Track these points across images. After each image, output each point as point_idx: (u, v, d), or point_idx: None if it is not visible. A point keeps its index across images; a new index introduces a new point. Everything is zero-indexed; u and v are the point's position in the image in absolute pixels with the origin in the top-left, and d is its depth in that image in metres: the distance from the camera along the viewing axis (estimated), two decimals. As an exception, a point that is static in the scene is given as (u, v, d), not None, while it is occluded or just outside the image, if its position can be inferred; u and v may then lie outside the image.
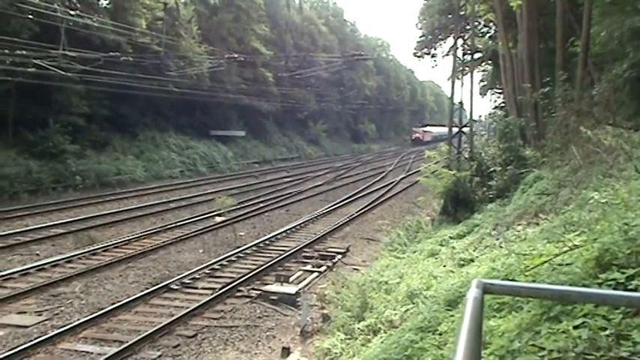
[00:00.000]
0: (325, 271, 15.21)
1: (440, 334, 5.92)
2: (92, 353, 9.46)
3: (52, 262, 15.07)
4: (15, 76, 24.84)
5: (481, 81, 43.97)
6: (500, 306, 5.13)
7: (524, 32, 19.49)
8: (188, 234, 19.43)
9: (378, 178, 39.95)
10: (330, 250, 17.40)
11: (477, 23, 27.88)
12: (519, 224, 10.46)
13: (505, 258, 7.45)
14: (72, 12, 29.19)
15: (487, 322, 4.57)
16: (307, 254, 16.90)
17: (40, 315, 11.34)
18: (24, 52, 23.28)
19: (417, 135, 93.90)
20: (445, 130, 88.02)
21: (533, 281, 5.05)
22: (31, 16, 27.00)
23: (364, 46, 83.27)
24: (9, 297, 12.05)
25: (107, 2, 36.31)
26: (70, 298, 12.53)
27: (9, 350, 9.29)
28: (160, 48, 33.83)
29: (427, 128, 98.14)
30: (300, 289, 12.84)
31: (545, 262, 5.38)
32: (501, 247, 9.26)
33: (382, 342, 7.59)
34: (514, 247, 7.90)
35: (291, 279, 13.75)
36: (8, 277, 13.59)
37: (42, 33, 26.91)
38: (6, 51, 22.93)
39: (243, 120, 52.52)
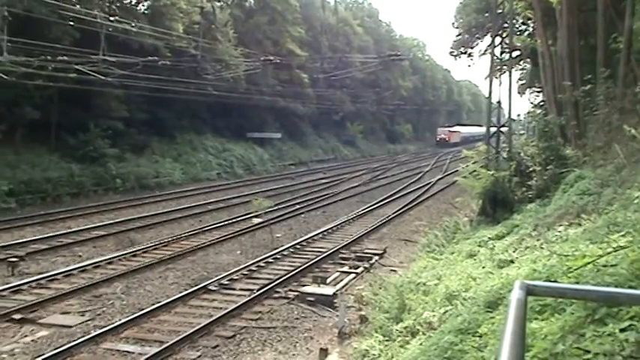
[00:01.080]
0: (362, 272, 15.17)
1: (480, 336, 5.83)
2: (134, 353, 9.61)
3: (94, 263, 15.38)
4: (57, 82, 25.46)
5: (519, 79, 43.30)
6: (542, 308, 5.03)
7: (564, 29, 19.10)
8: (226, 235, 19.60)
9: (414, 179, 39.70)
10: (367, 251, 17.34)
11: (514, 21, 27.46)
12: (560, 225, 10.25)
13: (546, 259, 7.31)
14: (111, 18, 29.79)
15: (529, 324, 4.48)
16: (344, 255, 16.87)
17: (83, 315, 11.58)
18: (65, 57, 23.79)
19: (443, 136, 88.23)
20: (478, 130, 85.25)
21: (577, 283, 4.94)
22: (72, 23, 27.63)
23: (400, 46, 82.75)
24: (53, 297, 12.33)
25: (145, 7, 36.94)
26: (111, 298, 12.76)
27: (54, 349, 9.50)
28: (196, 52, 34.23)
29: (455, 128, 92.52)
30: (337, 291, 12.83)
31: (589, 263, 5.26)
32: (542, 248, 9.10)
33: (421, 344, 7.53)
34: (555, 248, 7.75)
35: (328, 280, 13.75)
36: (52, 277, 13.92)
37: (82, 39, 27.51)
38: (48, 57, 23.48)
39: (279, 122, 52.80)
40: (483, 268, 10.24)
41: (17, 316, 11.11)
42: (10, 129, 26.77)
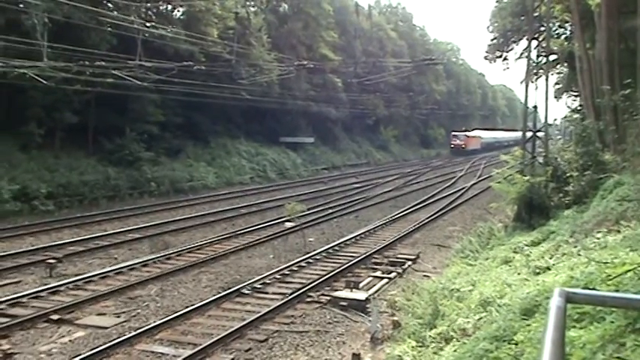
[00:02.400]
0: (395, 277, 15.07)
1: (516, 344, 5.74)
2: (168, 355, 9.70)
3: (129, 265, 15.59)
4: (94, 87, 25.97)
5: (556, 84, 42.67)
6: (580, 316, 4.93)
7: (603, 32, 18.75)
8: (258, 239, 19.68)
9: (448, 184, 39.34)
10: (399, 256, 17.23)
11: (551, 24, 27.05)
12: (599, 231, 10.04)
13: (584, 266, 7.18)
14: (148, 24, 30.23)
15: (567, 332, 4.39)
16: (377, 260, 16.79)
17: (118, 317, 11.73)
18: (103, 63, 24.24)
19: (458, 142, 75.79)
20: (506, 135, 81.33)
21: (617, 290, 4.83)
22: (109, 29, 28.15)
23: (434, 50, 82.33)
24: (90, 299, 12.54)
25: (181, 13, 37.44)
26: (146, 300, 12.91)
27: (90, 350, 9.65)
28: (231, 56, 34.53)
29: (475, 133, 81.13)
30: (369, 296, 12.76)
31: (629, 270, 5.14)
32: (580, 254, 8.93)
33: (455, 350, 7.44)
34: (594, 255, 7.60)
35: (360, 285, 13.69)
36: (89, 279, 14.15)
37: (119, 45, 28.00)
38: (86, 63, 23.96)
39: (312, 126, 52.91)
40: (519, 274, 10.09)
41: (55, 317, 11.32)
42: (50, 133, 27.39)
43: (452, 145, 76.45)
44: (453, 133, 77.93)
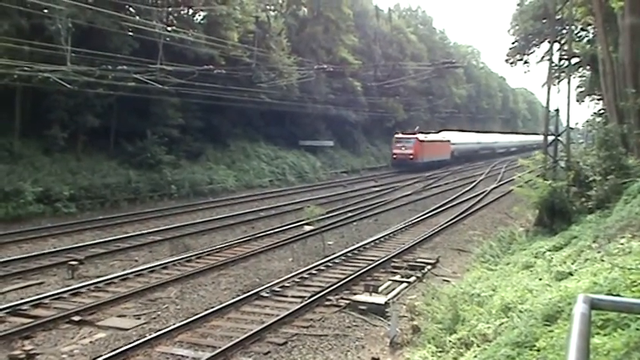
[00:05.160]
0: (415, 281, 14.99)
1: (538, 350, 5.67)
2: (187, 357, 9.73)
3: (150, 268, 15.69)
4: (116, 91, 26.25)
5: (578, 87, 42.25)
6: (604, 322, 4.86)
7: (626, 34, 18.52)
8: (278, 242, 19.70)
9: (468, 188, 39.05)
10: (419, 260, 17.11)
11: (573, 27, 26.79)
12: (623, 237, 9.89)
13: (608, 272, 7.08)
14: (169, 28, 30.49)
15: (591, 339, 4.32)
16: (396, 264, 16.71)
17: (138, 319, 11.81)
18: (125, 67, 24.49)
19: (405, 150, 52.05)
20: (505, 139, 75.69)
21: (642, 297, 4.75)
22: (131, 33, 28.44)
23: (454, 53, 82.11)
24: (110, 301, 12.65)
25: (201, 17, 37.71)
26: (166, 302, 12.97)
27: (111, 351, 9.71)
28: (251, 60, 34.68)
29: (441, 135, 60.72)
30: (389, 300, 12.70)
31: (655, 277, 5.06)
32: (603, 260, 8.81)
33: (475, 356, 7.38)
34: (618, 261, 7.49)
35: (380, 289, 13.64)
36: (110, 281, 14.27)
37: (141, 49, 28.29)
38: (109, 67, 24.22)
39: (331, 130, 52.93)
40: (540, 280, 9.98)
41: (76, 318, 11.43)
42: (72, 136, 27.72)
43: (394, 155, 53.91)
44: (397, 136, 54.40)
